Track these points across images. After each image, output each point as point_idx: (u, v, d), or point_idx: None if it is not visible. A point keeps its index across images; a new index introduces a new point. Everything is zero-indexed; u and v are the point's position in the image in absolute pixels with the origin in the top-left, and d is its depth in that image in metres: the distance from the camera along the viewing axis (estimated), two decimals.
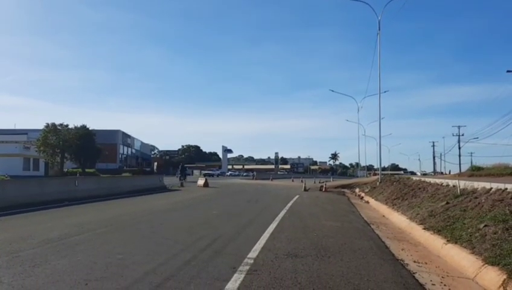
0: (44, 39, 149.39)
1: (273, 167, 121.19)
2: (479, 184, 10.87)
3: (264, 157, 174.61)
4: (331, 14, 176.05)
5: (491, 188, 9.84)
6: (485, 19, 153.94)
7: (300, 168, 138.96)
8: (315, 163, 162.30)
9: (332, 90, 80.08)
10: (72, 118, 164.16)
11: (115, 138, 79.39)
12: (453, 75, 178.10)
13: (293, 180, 53.29)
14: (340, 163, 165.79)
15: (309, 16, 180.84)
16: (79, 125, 54.85)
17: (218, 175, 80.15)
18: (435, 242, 7.78)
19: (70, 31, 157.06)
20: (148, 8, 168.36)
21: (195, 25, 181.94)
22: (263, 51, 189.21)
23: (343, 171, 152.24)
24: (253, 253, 6.54)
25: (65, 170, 54.63)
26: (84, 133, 54.16)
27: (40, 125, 53.21)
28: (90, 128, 56.07)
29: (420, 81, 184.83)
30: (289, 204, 16.34)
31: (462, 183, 11.73)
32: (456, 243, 7.08)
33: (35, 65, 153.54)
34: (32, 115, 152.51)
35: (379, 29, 26.96)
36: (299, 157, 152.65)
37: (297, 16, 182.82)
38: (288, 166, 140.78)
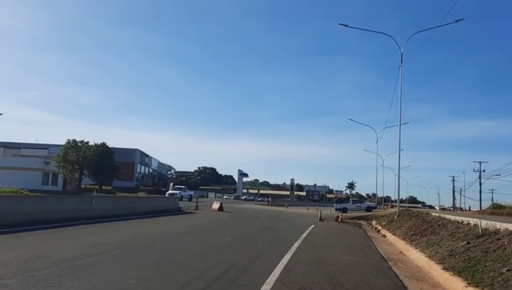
0: (69, 56, 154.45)
1: (288, 192, 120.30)
2: (502, 225, 10.55)
3: (280, 182, 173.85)
4: (351, 43, 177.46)
5: None
6: (507, 52, 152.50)
7: (316, 195, 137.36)
8: (331, 191, 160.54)
9: (352, 120, 79.29)
10: (92, 135, 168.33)
11: (133, 157, 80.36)
12: (474, 109, 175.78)
13: (308, 208, 52.65)
14: (357, 193, 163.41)
15: (329, 44, 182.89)
16: (99, 143, 55.89)
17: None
18: (454, 284, 7.52)
19: (95, 50, 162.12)
20: (170, 30, 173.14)
21: (216, 49, 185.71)
22: (282, 76, 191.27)
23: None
24: (267, 286, 6.42)
25: (82, 186, 55.37)
26: (103, 151, 55.10)
27: (61, 140, 54.36)
28: (109, 146, 57.00)
29: (440, 114, 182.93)
30: (304, 234, 16.12)
31: (484, 223, 11.38)
32: (477, 286, 6.84)
33: (59, 81, 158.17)
34: (54, 130, 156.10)
35: (401, 62, 26.89)
36: (315, 184, 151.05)
37: (317, 44, 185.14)
38: (303, 193, 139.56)
